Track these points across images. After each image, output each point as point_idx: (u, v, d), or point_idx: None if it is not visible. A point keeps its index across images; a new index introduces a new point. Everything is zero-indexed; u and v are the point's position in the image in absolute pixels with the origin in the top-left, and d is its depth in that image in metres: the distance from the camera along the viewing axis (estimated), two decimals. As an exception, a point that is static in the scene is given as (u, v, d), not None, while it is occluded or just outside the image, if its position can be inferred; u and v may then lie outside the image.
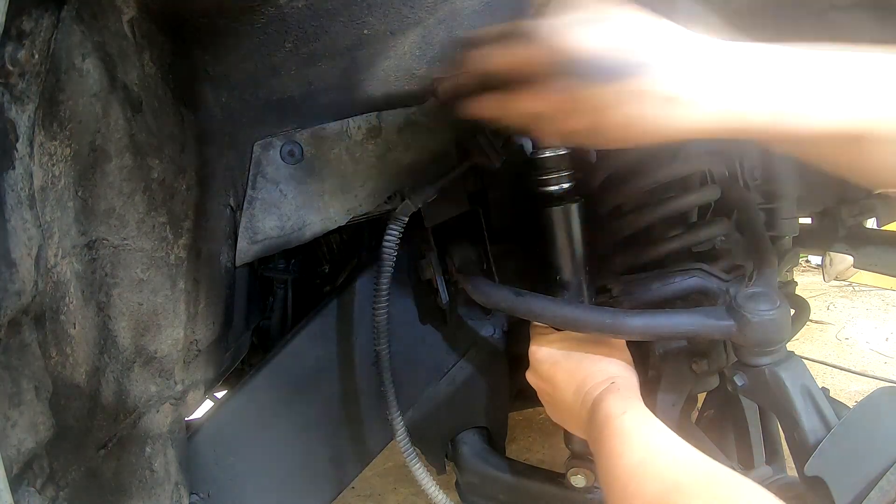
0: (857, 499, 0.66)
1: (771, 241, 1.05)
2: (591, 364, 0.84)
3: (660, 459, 0.63)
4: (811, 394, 0.75)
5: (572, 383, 0.84)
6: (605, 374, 0.80)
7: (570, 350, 0.87)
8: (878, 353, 3.24)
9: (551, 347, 0.90)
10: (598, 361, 0.83)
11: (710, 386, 0.98)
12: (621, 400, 0.74)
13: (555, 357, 0.88)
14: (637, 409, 0.72)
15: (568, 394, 0.84)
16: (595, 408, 0.76)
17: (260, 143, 0.99)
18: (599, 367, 0.82)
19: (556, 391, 0.87)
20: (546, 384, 0.89)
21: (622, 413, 0.71)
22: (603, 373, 0.81)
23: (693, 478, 0.59)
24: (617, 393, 0.76)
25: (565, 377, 0.85)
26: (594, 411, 0.76)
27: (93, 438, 0.70)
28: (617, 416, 0.71)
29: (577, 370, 0.84)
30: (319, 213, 1.02)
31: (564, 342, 0.89)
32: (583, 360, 0.85)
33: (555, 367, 0.87)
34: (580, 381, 0.82)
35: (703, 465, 0.61)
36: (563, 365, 0.87)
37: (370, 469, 2.41)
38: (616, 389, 0.76)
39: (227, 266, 1.03)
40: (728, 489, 0.57)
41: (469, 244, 1.03)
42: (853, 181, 0.69)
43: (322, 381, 1.12)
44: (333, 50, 0.90)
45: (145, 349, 0.83)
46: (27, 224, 0.56)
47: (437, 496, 0.96)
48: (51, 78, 0.59)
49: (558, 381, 0.86)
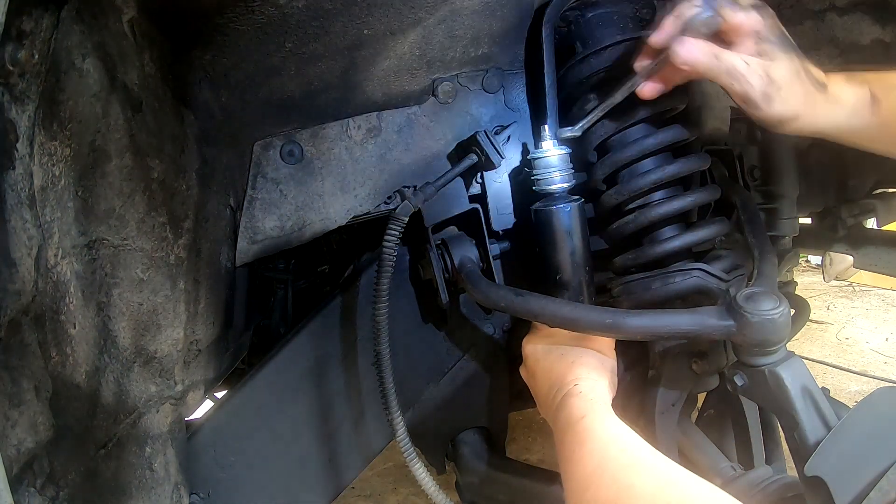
0: (857, 499, 0.66)
1: (771, 241, 1.04)
2: (564, 362, 0.84)
3: (613, 464, 0.63)
4: (811, 394, 0.75)
5: (547, 381, 0.84)
6: (573, 375, 0.81)
7: (553, 346, 0.88)
8: (878, 353, 3.25)
9: (538, 343, 0.91)
10: (572, 359, 0.84)
11: (710, 386, 0.97)
12: (583, 402, 0.74)
13: (538, 353, 0.89)
14: (597, 412, 0.72)
15: (543, 391, 0.85)
16: (559, 409, 0.77)
17: (260, 143, 0.99)
18: (572, 365, 0.83)
19: (535, 386, 0.88)
20: (530, 378, 0.90)
21: (582, 417, 0.71)
22: (571, 373, 0.81)
23: (647, 482, 0.59)
24: (578, 396, 0.76)
25: (543, 374, 0.86)
26: (558, 412, 0.77)
27: (93, 438, 0.70)
28: (577, 421, 0.71)
29: (552, 368, 0.85)
30: (319, 213, 1.02)
31: (551, 338, 0.90)
32: (561, 357, 0.85)
33: (537, 364, 0.88)
34: (553, 379, 0.83)
35: (659, 468, 0.61)
36: (542, 362, 0.87)
37: (370, 469, 2.42)
38: (578, 392, 0.76)
39: (227, 266, 1.03)
40: (682, 491, 0.57)
41: (469, 244, 1.03)
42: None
43: (322, 381, 1.12)
44: (333, 50, 0.90)
45: (145, 349, 0.83)
46: (27, 224, 0.56)
47: (437, 496, 0.96)
48: (51, 78, 0.59)
49: (538, 377, 0.87)
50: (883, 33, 1.17)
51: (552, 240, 0.92)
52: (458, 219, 1.05)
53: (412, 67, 0.98)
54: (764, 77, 0.74)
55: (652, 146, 0.92)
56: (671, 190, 0.95)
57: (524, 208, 1.00)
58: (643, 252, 0.94)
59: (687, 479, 0.59)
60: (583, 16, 0.97)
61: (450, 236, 1.04)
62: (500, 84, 1.04)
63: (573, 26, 0.99)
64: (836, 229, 1.67)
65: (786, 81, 0.74)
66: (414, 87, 1.01)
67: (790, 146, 1.45)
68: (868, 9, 1.17)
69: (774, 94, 0.74)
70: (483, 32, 0.97)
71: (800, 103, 0.75)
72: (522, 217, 1.04)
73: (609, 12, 0.96)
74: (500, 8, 0.94)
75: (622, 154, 0.93)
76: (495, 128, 1.02)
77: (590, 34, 0.96)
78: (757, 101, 0.74)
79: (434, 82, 1.02)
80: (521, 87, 1.06)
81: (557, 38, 0.99)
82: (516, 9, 0.96)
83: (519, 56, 1.03)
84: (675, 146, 0.95)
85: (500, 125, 1.03)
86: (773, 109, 0.75)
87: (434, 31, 0.93)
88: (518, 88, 1.06)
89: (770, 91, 0.74)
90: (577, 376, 0.80)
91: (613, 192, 0.95)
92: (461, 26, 0.94)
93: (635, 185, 0.92)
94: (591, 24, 0.97)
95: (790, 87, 0.74)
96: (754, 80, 0.74)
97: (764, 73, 0.74)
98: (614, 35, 0.94)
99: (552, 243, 0.92)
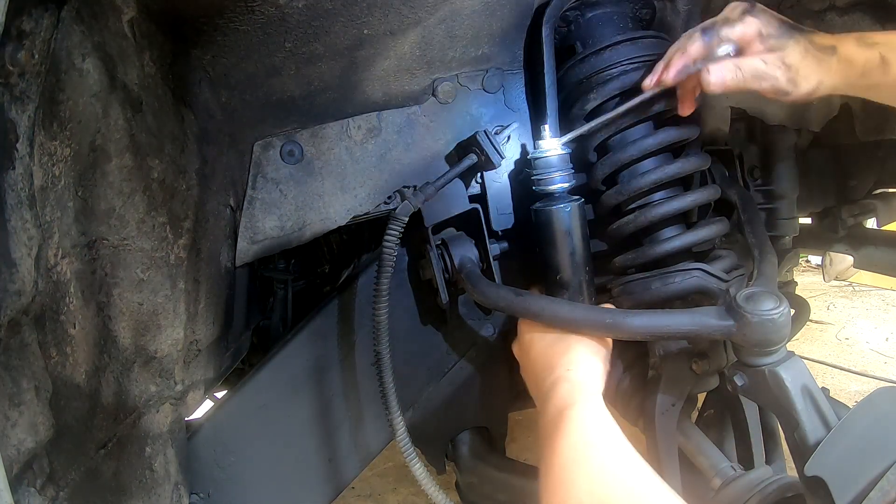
0: (857, 499, 0.66)
1: (771, 241, 1.04)
2: (560, 346, 0.84)
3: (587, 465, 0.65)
4: (811, 394, 0.75)
5: (540, 361, 0.85)
6: (566, 359, 0.82)
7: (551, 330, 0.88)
8: (878, 353, 3.25)
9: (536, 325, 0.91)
10: (568, 344, 0.84)
11: (710, 386, 0.97)
12: (573, 388, 0.76)
13: (535, 333, 0.89)
14: (584, 404, 0.73)
15: (535, 371, 0.86)
16: (549, 391, 0.78)
17: (260, 143, 0.99)
18: (567, 350, 0.83)
19: (528, 364, 0.89)
20: (523, 357, 0.91)
21: (567, 407, 0.73)
22: (565, 357, 0.82)
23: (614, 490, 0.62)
24: (569, 382, 0.77)
25: (538, 354, 0.87)
26: (548, 395, 0.78)
27: (93, 438, 0.70)
28: (561, 411, 0.73)
29: (547, 350, 0.86)
30: (319, 213, 1.02)
31: None
32: (557, 340, 0.86)
33: (531, 344, 0.89)
34: (546, 361, 0.84)
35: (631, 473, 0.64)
36: (538, 342, 0.88)
37: (370, 469, 2.42)
38: (567, 379, 0.78)
39: (227, 266, 1.03)
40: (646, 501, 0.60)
41: (469, 244, 1.03)
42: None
43: (322, 381, 1.12)
44: (333, 50, 0.90)
45: (145, 349, 0.83)
46: (27, 224, 0.56)
47: (437, 496, 0.96)
48: (51, 78, 0.59)
49: (532, 355, 0.88)
50: (883, 33, 1.17)
51: (552, 240, 0.92)
52: (458, 219, 1.05)
53: (412, 67, 0.98)
54: (783, 67, 0.81)
55: (652, 146, 0.92)
56: (671, 190, 0.95)
57: (524, 208, 1.00)
58: (643, 252, 0.94)
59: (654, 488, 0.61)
60: (583, 16, 0.97)
61: (450, 236, 1.04)
62: (500, 84, 1.04)
63: (573, 26, 0.99)
64: (836, 229, 1.67)
65: (801, 62, 0.81)
66: (414, 87, 1.01)
67: (790, 146, 1.45)
68: (868, 9, 1.17)
69: (796, 77, 0.81)
70: (483, 32, 0.97)
71: (817, 73, 0.82)
72: (522, 217, 1.04)
73: (609, 12, 0.96)
74: (499, 8, 0.94)
75: (622, 154, 0.93)
76: (495, 128, 1.02)
77: (590, 34, 0.96)
78: (785, 88, 0.81)
79: (434, 82, 1.02)
80: (521, 87, 1.06)
81: (557, 38, 0.99)
82: (516, 9, 0.96)
83: (519, 56, 1.03)
84: (675, 146, 0.95)
85: (500, 125, 1.03)
86: (800, 90, 0.82)
87: (434, 31, 0.93)
88: (518, 88, 1.06)
89: (792, 75, 0.81)
90: (570, 360, 0.81)
91: (613, 192, 0.95)
92: (461, 26, 0.94)
93: (635, 185, 0.92)
94: (591, 24, 0.97)
95: (806, 65, 0.81)
96: (777, 73, 0.81)
97: (781, 63, 0.81)
98: (614, 35, 0.94)
99: (552, 243, 0.92)
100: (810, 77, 0.81)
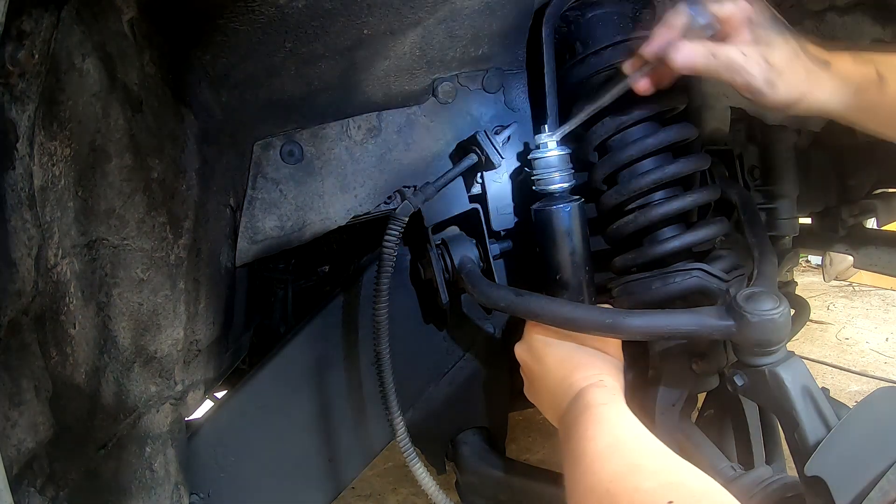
0: (857, 499, 0.66)
1: (771, 241, 1.04)
2: (583, 358, 0.84)
3: (627, 445, 0.66)
4: (811, 394, 0.75)
5: (560, 370, 0.84)
6: (595, 371, 0.81)
7: (566, 337, 0.88)
8: (878, 353, 3.25)
9: (547, 332, 0.90)
10: (590, 357, 0.84)
11: (710, 386, 0.97)
12: (605, 394, 0.76)
13: (550, 339, 0.88)
14: (618, 404, 0.74)
15: (553, 378, 0.85)
16: (578, 397, 0.77)
17: (260, 143, 0.99)
18: (591, 363, 0.83)
19: (542, 371, 0.88)
20: (534, 362, 0.90)
21: (602, 404, 0.73)
22: (594, 369, 0.82)
23: (652, 463, 0.62)
24: (603, 388, 0.77)
25: (555, 362, 0.86)
26: (576, 400, 0.77)
27: (93, 438, 0.70)
28: (597, 406, 0.73)
29: (568, 359, 0.85)
30: (319, 213, 1.02)
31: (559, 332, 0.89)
32: (577, 351, 0.85)
33: (547, 349, 0.88)
34: (569, 370, 0.83)
35: (666, 456, 0.64)
36: (555, 350, 0.87)
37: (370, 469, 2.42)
38: (603, 386, 0.78)
39: (227, 266, 1.03)
40: (679, 476, 0.60)
41: (469, 244, 1.03)
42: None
43: (322, 381, 1.12)
44: (333, 50, 0.90)
45: (145, 349, 0.83)
46: (27, 224, 0.56)
47: (437, 496, 0.96)
48: (51, 78, 0.59)
49: (548, 363, 0.87)
50: (883, 33, 1.17)
51: (552, 240, 0.91)
52: (458, 219, 1.05)
53: (412, 67, 0.98)
54: (763, 64, 0.74)
55: (652, 146, 0.92)
56: (671, 190, 0.95)
57: (524, 208, 1.00)
58: (643, 252, 0.94)
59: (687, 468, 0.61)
60: (583, 16, 0.97)
61: (450, 236, 1.04)
62: (500, 84, 1.04)
63: (573, 26, 0.99)
64: (836, 229, 1.67)
65: (786, 64, 0.74)
66: (414, 87, 1.01)
67: (790, 146, 1.46)
68: (868, 9, 1.17)
69: (776, 79, 0.74)
70: (483, 32, 0.97)
71: (803, 83, 0.75)
72: (522, 217, 1.04)
73: (609, 12, 0.96)
74: (500, 8, 0.94)
75: (622, 154, 0.93)
76: (495, 128, 1.02)
77: (590, 34, 0.96)
78: (761, 88, 0.74)
79: (434, 82, 1.02)
80: (521, 87, 1.06)
81: (557, 38, 0.99)
82: (516, 9, 0.96)
83: (519, 56, 1.03)
84: (675, 146, 0.95)
85: (500, 125, 1.03)
86: (777, 94, 0.74)
87: (434, 31, 0.93)
88: (518, 88, 1.06)
89: (772, 77, 0.74)
90: (602, 373, 0.81)
91: (613, 192, 0.94)
92: (461, 26, 0.94)
93: (635, 185, 0.92)
94: (591, 24, 0.97)
95: (791, 69, 0.74)
96: (754, 70, 0.74)
97: (763, 59, 0.74)
98: (614, 35, 0.94)
99: (552, 243, 0.92)
100: (793, 85, 0.75)
